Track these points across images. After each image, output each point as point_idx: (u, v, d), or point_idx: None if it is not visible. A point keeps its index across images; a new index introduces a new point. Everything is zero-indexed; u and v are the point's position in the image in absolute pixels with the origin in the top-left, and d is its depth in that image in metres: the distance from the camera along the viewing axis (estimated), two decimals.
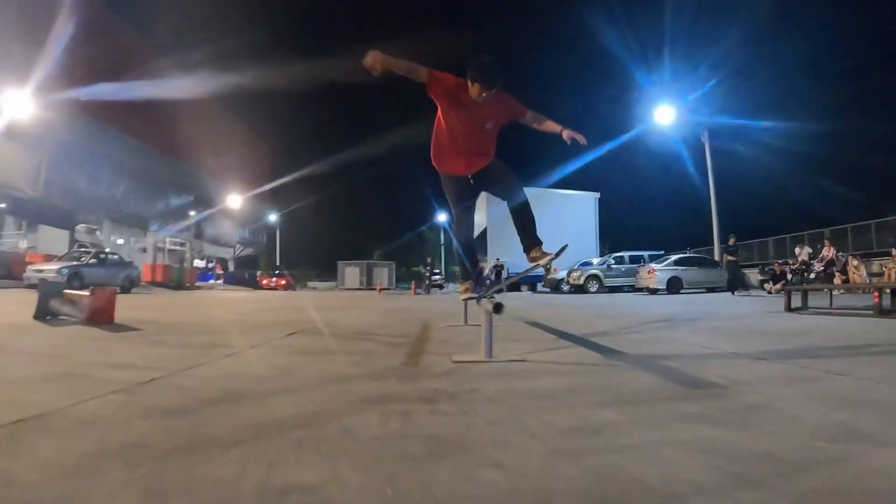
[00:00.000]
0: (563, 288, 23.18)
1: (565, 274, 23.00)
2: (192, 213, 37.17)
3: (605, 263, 23.23)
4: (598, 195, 33.11)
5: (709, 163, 21.98)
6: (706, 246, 24.31)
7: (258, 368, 2.79)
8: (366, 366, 2.88)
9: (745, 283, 16.76)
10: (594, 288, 22.14)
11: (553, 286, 23.97)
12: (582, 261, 23.87)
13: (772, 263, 15.70)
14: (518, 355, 3.06)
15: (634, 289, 20.83)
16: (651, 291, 18.94)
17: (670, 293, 18.30)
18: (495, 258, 25.62)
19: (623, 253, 23.60)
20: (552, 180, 32.55)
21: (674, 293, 18.27)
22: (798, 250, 15.19)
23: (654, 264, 19.87)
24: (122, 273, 18.28)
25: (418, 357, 3.21)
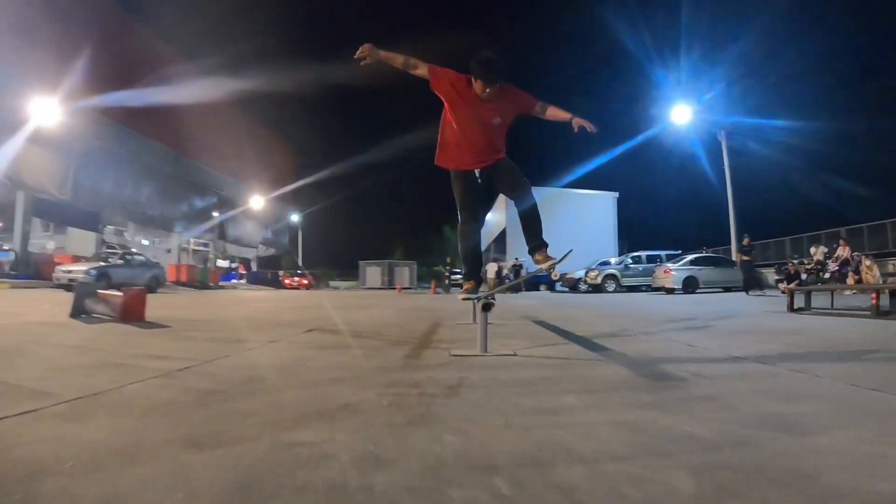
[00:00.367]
0: (581, 287, 23.40)
1: (583, 273, 23.21)
2: (216, 215, 38.13)
3: (623, 263, 23.44)
4: (617, 195, 33.14)
5: (726, 162, 21.89)
6: (724, 245, 24.19)
7: (276, 359, 3.18)
8: (373, 358, 3.25)
9: (761, 283, 16.76)
10: (611, 287, 22.38)
11: (571, 286, 24.22)
12: (600, 260, 24.07)
13: (787, 263, 15.67)
14: (511, 350, 3.39)
15: (652, 288, 20.92)
16: (668, 291, 19.07)
17: (686, 293, 18.42)
18: (514, 258, 25.99)
19: (640, 252, 23.78)
20: (571, 180, 32.81)
21: (690, 293, 18.36)
22: (813, 250, 15.19)
23: (671, 264, 20.01)
24: (148, 273, 18.93)
25: (422, 351, 3.57)
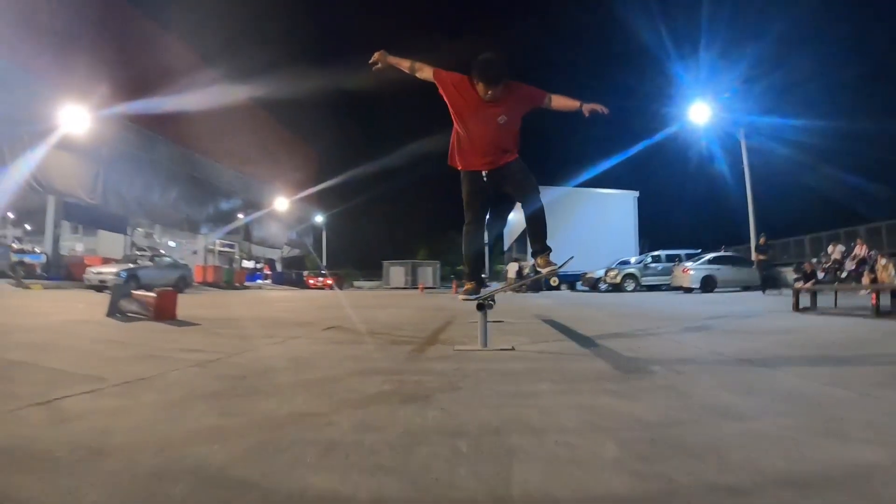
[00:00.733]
0: (601, 287, 23.56)
1: (603, 273, 23.40)
2: (241, 216, 39.09)
3: (642, 262, 23.54)
4: (637, 194, 33.00)
5: (745, 161, 21.77)
6: (745, 244, 24.04)
7: (296, 352, 3.60)
8: (383, 352, 3.66)
9: (778, 282, 16.71)
10: (631, 287, 22.52)
11: (591, 285, 24.39)
12: (620, 259, 24.22)
13: (804, 262, 15.60)
14: (511, 346, 3.74)
15: (670, 288, 21.00)
16: (686, 290, 19.14)
17: (704, 292, 18.49)
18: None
19: (660, 252, 23.80)
20: (592, 180, 32.84)
21: (708, 292, 18.44)
22: (831, 249, 15.08)
23: (689, 263, 20.08)
24: (176, 274, 19.66)
25: (430, 346, 3.96)
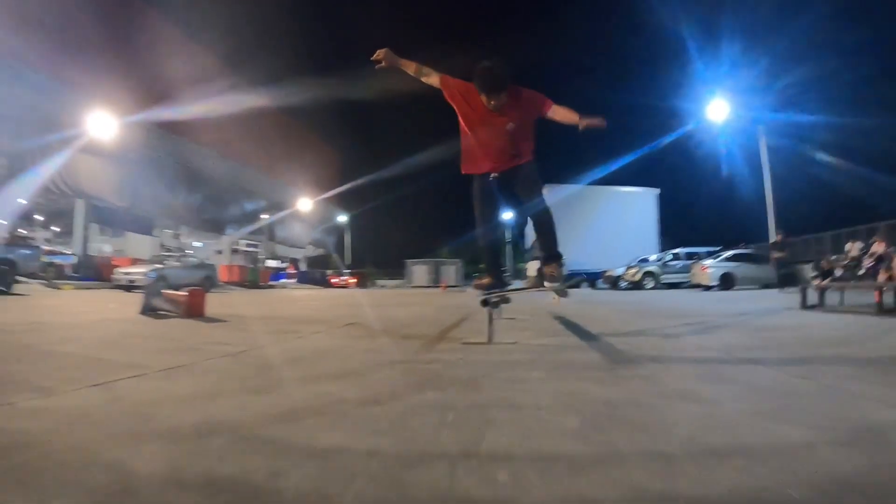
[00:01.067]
0: (621, 285, 23.70)
1: (623, 271, 23.53)
2: (265, 217, 40.05)
3: (661, 260, 23.64)
4: (659, 191, 32.83)
5: (764, 158, 21.61)
6: (765, 241, 23.84)
7: (318, 345, 4.00)
8: (398, 345, 4.04)
9: (796, 280, 16.64)
10: (650, 285, 22.59)
11: (611, 283, 24.59)
12: (640, 257, 24.32)
13: (822, 259, 15.52)
14: (514, 340, 4.05)
15: (690, 285, 21.01)
16: (705, 288, 19.18)
17: (723, 289, 18.49)
18: None
19: (679, 249, 23.97)
20: (612, 178, 32.83)
21: (727, 289, 18.44)
22: (849, 246, 14.96)
23: (707, 261, 20.13)
24: (202, 274, 20.32)
25: (441, 340, 4.31)
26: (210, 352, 3.52)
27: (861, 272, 13.01)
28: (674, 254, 23.91)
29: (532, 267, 24.86)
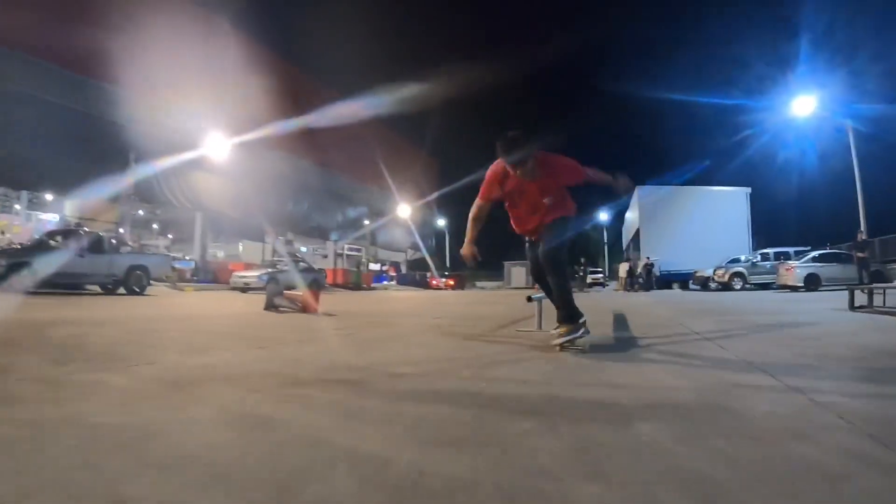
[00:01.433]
0: (711, 286, 23.55)
1: (711, 272, 23.39)
2: (367, 223, 42.66)
3: (750, 261, 23.32)
4: (749, 190, 31.44)
5: (854, 154, 20.43)
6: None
7: (406, 331, 5.17)
8: (471, 329, 5.08)
9: (884, 279, 15.77)
10: (738, 285, 22.54)
11: (701, 283, 24.53)
12: (730, 258, 23.91)
13: None
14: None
15: (778, 286, 20.46)
16: (791, 289, 18.87)
17: (808, 290, 18.13)
18: (646, 256, 26.63)
19: (768, 249, 23.58)
20: (701, 178, 32.18)
21: (812, 290, 18.03)
22: None
23: (793, 261, 19.74)
24: (311, 277, 22.21)
25: (503, 328, 5.33)
26: (327, 334, 4.81)
27: None
28: (763, 254, 23.60)
29: (622, 268, 25.12)
